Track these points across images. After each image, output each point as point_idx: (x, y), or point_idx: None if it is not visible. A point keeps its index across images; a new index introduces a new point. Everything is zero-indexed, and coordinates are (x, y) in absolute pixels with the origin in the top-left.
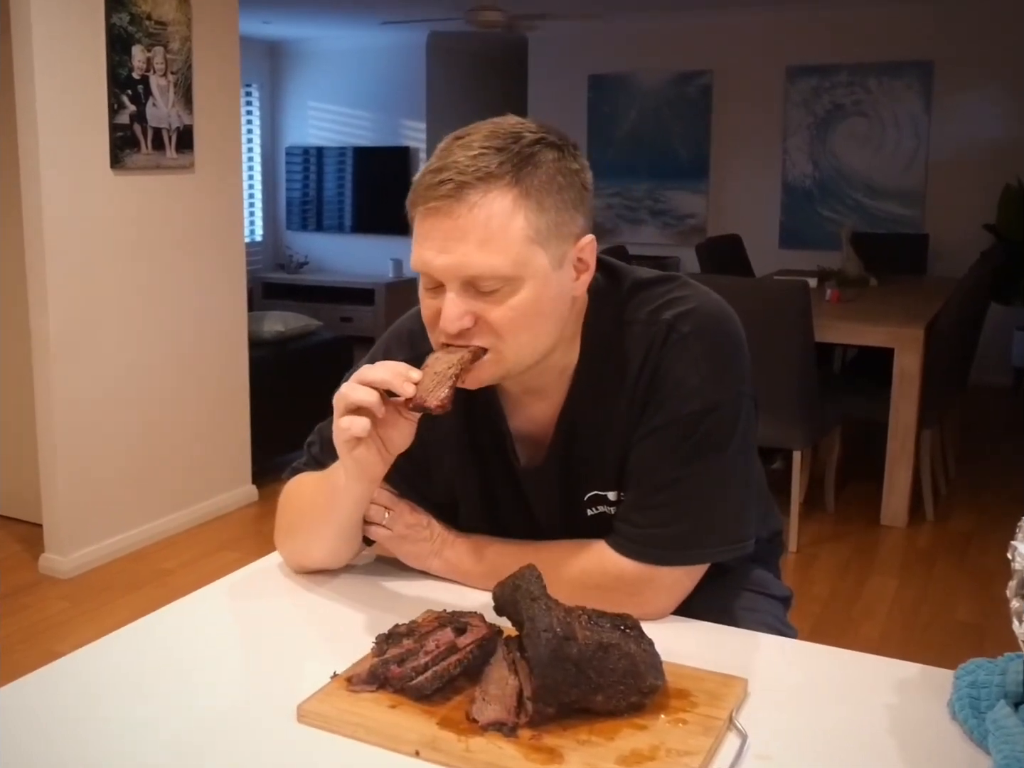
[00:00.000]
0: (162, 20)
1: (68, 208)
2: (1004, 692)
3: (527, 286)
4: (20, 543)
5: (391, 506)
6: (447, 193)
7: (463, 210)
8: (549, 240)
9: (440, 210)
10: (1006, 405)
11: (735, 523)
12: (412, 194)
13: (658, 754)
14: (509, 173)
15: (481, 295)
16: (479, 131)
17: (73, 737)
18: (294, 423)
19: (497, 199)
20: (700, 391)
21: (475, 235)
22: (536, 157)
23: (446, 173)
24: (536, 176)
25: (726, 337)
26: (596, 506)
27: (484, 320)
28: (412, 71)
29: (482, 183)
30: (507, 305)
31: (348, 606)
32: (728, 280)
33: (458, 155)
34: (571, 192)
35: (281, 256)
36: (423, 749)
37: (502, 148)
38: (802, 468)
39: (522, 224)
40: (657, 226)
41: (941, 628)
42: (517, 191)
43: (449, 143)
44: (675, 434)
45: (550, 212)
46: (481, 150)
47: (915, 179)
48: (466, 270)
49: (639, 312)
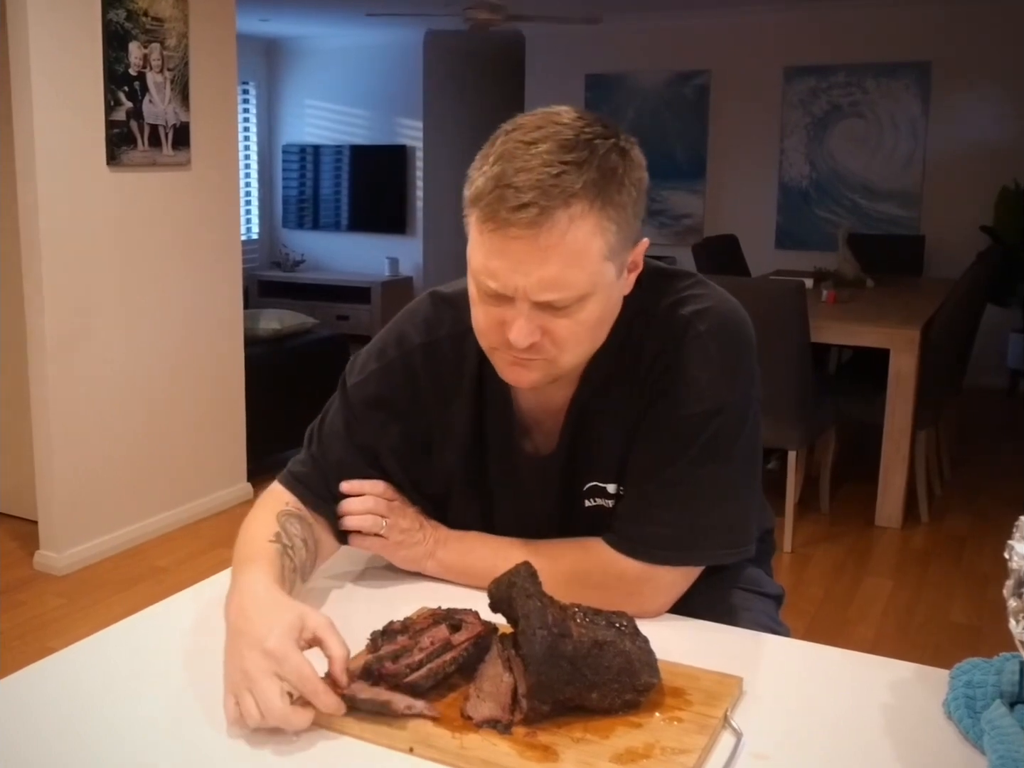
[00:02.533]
0: (159, 16)
1: (64, 205)
2: (1000, 692)
3: (595, 299)
4: (15, 540)
5: (387, 514)
6: (531, 221)
7: (550, 239)
8: (618, 255)
9: (523, 238)
10: (1001, 407)
11: (738, 526)
12: (482, 205)
13: (653, 752)
14: (591, 195)
15: (552, 310)
16: (547, 135)
17: (65, 733)
18: (289, 421)
19: (581, 224)
20: (711, 391)
21: (558, 260)
22: (614, 171)
23: (527, 195)
24: (614, 193)
25: (740, 339)
26: (594, 498)
27: (551, 333)
28: (409, 70)
29: (567, 208)
30: (575, 319)
31: (342, 602)
32: (724, 280)
33: (536, 169)
34: (641, 199)
35: (277, 254)
36: (417, 746)
37: (581, 163)
38: (797, 468)
39: (600, 245)
40: (654, 226)
41: (935, 629)
42: (599, 213)
43: (515, 145)
44: (682, 433)
45: (624, 227)
46: (562, 167)
47: (912, 180)
48: (544, 292)
49: (658, 304)
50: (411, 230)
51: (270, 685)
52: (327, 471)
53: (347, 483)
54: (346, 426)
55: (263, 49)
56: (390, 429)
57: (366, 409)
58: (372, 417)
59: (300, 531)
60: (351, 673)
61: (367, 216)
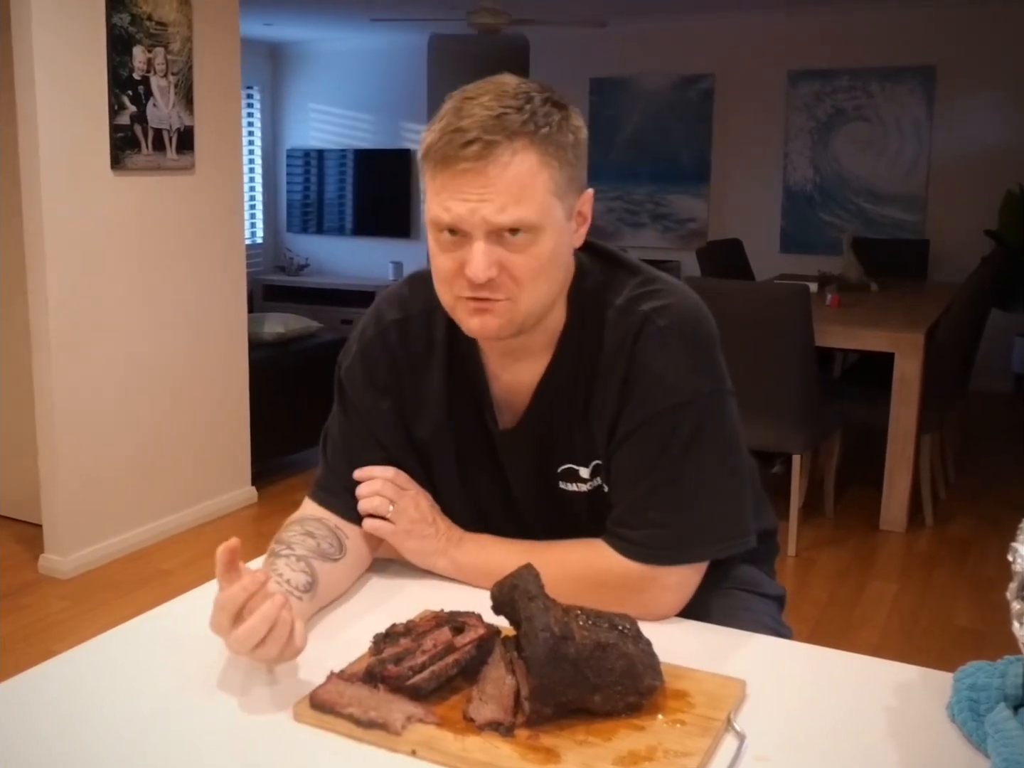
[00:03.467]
0: (163, 21)
1: (68, 209)
2: (1004, 695)
3: (547, 235)
4: (20, 543)
5: (395, 499)
6: (478, 154)
7: (496, 169)
8: (565, 193)
9: (472, 170)
10: (1006, 411)
11: (733, 517)
12: (432, 153)
13: (655, 755)
14: (532, 131)
15: (506, 245)
16: (487, 91)
17: (67, 735)
18: (294, 425)
19: (525, 156)
20: (679, 385)
21: (508, 191)
22: (551, 116)
23: (472, 132)
24: (553, 133)
25: (701, 333)
26: (568, 482)
27: (507, 270)
28: (413, 74)
29: (510, 142)
30: (529, 254)
31: (346, 605)
32: (729, 284)
33: (478, 113)
34: (579, 148)
35: (282, 258)
36: (419, 748)
37: (519, 107)
38: (802, 472)
39: (545, 179)
40: (658, 230)
41: (940, 633)
42: (541, 148)
43: (460, 102)
44: (659, 430)
45: (566, 167)
46: (502, 109)
47: (916, 184)
48: (500, 220)
49: (618, 296)
50: (415, 234)
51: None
52: (339, 468)
53: (359, 471)
54: (346, 418)
55: (267, 53)
56: (382, 405)
57: (358, 391)
58: (365, 397)
59: (300, 532)
60: (354, 675)
61: (371, 220)
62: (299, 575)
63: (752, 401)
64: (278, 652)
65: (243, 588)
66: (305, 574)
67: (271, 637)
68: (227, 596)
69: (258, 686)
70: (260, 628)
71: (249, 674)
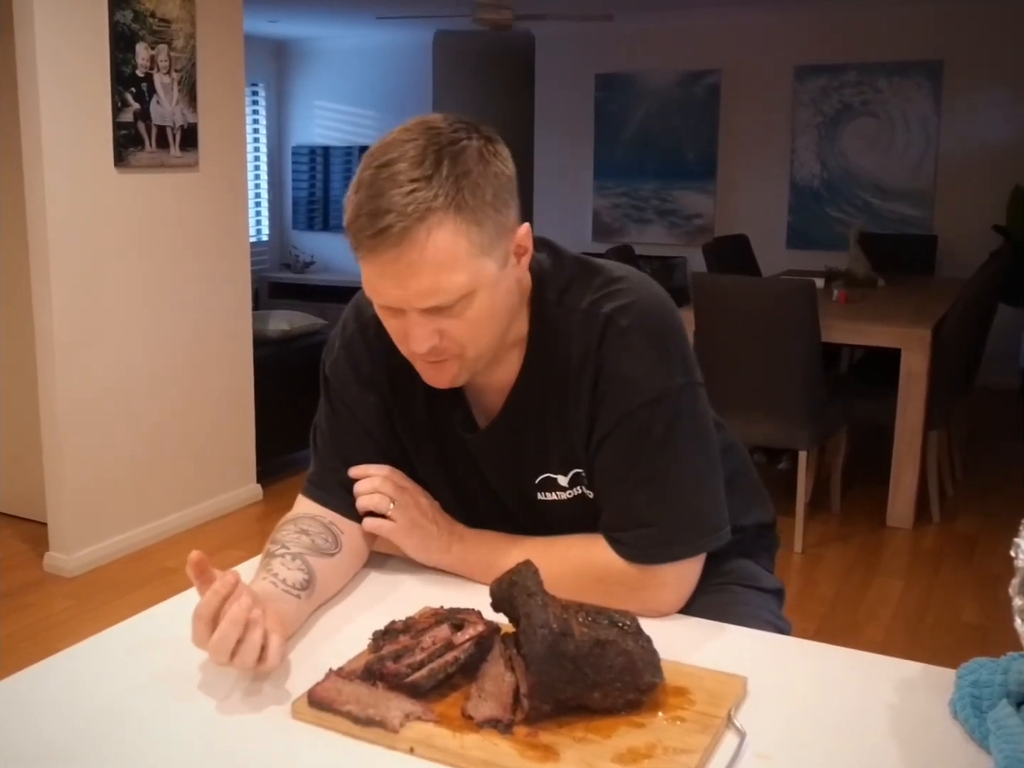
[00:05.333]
0: (166, 18)
1: (72, 206)
2: (1006, 691)
3: (480, 295)
4: (25, 542)
5: (396, 496)
6: (393, 242)
7: (413, 254)
8: (492, 247)
9: (389, 260)
10: (1014, 407)
11: (714, 509)
12: (352, 236)
13: (655, 752)
14: (444, 204)
15: (441, 312)
16: (402, 154)
17: (68, 732)
18: (299, 422)
19: (440, 233)
20: (647, 382)
21: (427, 270)
22: (467, 173)
23: (385, 219)
24: (469, 194)
25: (665, 328)
26: (547, 492)
27: (447, 335)
28: (418, 70)
29: (423, 222)
30: (466, 318)
31: (345, 602)
32: (735, 280)
33: (390, 193)
34: (502, 192)
35: (287, 256)
36: (418, 746)
37: (431, 176)
38: (808, 468)
39: (466, 246)
40: (664, 226)
41: (946, 630)
42: (456, 217)
43: (374, 173)
44: (633, 429)
45: (488, 223)
46: (412, 185)
47: (924, 180)
48: (424, 300)
49: (581, 300)
50: None
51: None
52: (331, 464)
53: (355, 468)
54: (334, 413)
55: (272, 50)
56: (369, 398)
57: (344, 385)
58: (352, 391)
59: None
60: (352, 673)
61: None
62: (295, 573)
63: (758, 397)
64: (253, 659)
65: (214, 592)
66: (302, 571)
67: (244, 643)
68: (201, 603)
69: (257, 684)
70: (231, 632)
71: (247, 671)
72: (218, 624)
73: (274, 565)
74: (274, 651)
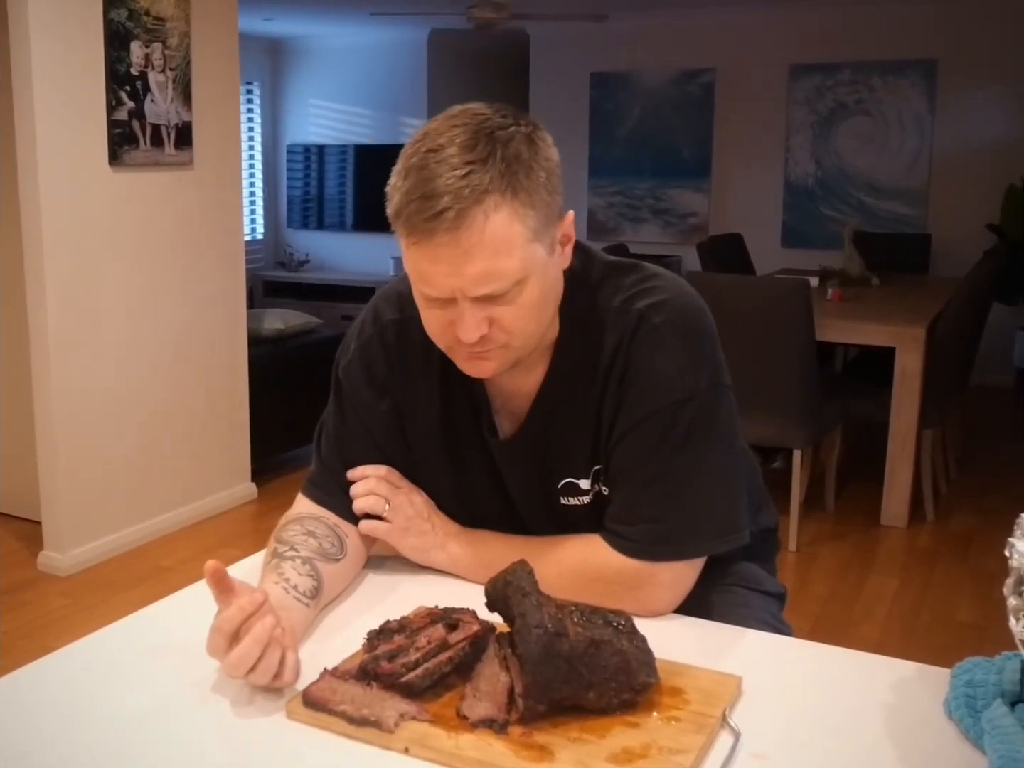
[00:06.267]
0: (160, 16)
1: (66, 205)
2: (1001, 691)
3: (532, 282)
4: (19, 540)
5: (390, 497)
6: (449, 226)
7: (469, 238)
8: (544, 233)
9: (444, 243)
10: (1008, 405)
11: (728, 513)
12: (404, 222)
13: (650, 752)
14: (500, 186)
15: (493, 300)
16: (451, 140)
17: (64, 731)
18: (294, 421)
19: (498, 216)
20: (676, 381)
21: (484, 255)
22: (519, 157)
23: (441, 201)
24: (523, 178)
25: (698, 328)
26: (570, 496)
27: (498, 323)
28: (413, 69)
29: (480, 205)
30: (517, 304)
31: (340, 602)
32: (729, 279)
33: (444, 175)
34: (551, 180)
35: (282, 254)
36: (412, 746)
37: (486, 159)
38: (802, 467)
39: (521, 230)
40: (659, 225)
41: (941, 629)
42: (511, 201)
43: (424, 158)
44: (657, 427)
45: (540, 208)
46: (468, 167)
47: (918, 178)
48: (480, 287)
49: (612, 299)
50: None
51: (213, 636)
52: (334, 466)
53: (352, 471)
54: (342, 416)
55: (267, 48)
56: (380, 406)
57: (356, 389)
58: (363, 396)
59: (301, 531)
60: (347, 673)
61: (372, 216)
62: (305, 579)
63: (753, 396)
64: (269, 678)
65: (240, 609)
66: (311, 578)
67: (263, 661)
68: (224, 617)
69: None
70: (253, 650)
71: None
72: (239, 640)
73: (285, 569)
74: (290, 669)
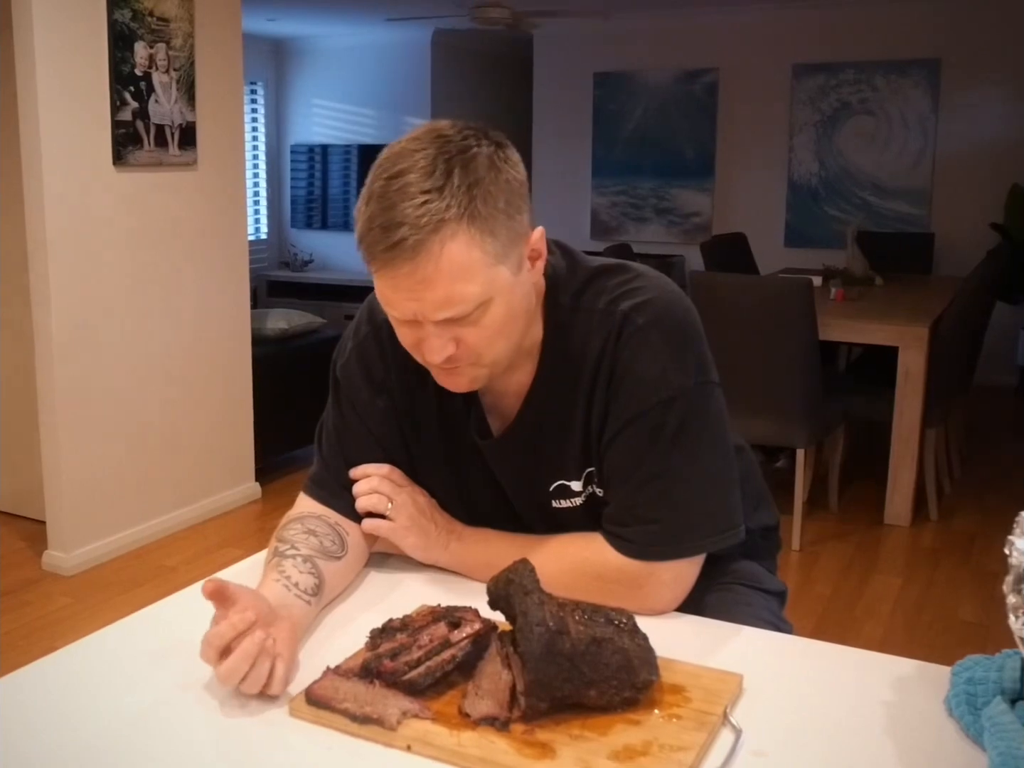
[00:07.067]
0: (164, 17)
1: (70, 205)
2: (1001, 688)
3: (496, 303)
4: (23, 540)
5: (393, 496)
6: (407, 256)
7: (427, 266)
8: (507, 255)
9: (403, 273)
10: (1011, 405)
11: (723, 509)
12: (365, 250)
13: (651, 749)
14: (458, 214)
15: (456, 322)
16: (412, 165)
17: (67, 730)
18: (297, 421)
19: (454, 244)
20: (662, 380)
21: (443, 282)
22: (479, 182)
23: (398, 232)
24: (480, 205)
25: (683, 326)
26: (562, 499)
27: (464, 342)
28: (417, 69)
29: (437, 234)
30: (481, 326)
31: (342, 600)
32: (732, 278)
33: (402, 205)
34: (514, 199)
35: (286, 254)
36: (415, 744)
37: (443, 186)
38: (806, 467)
39: (480, 255)
40: (662, 224)
41: (944, 628)
42: (469, 228)
43: (384, 186)
44: (646, 427)
45: (501, 231)
46: (425, 196)
47: (921, 178)
48: (440, 312)
49: (596, 301)
50: None
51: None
52: (335, 465)
53: (354, 469)
54: (342, 414)
55: (271, 49)
56: (379, 403)
57: (354, 387)
58: (361, 394)
59: (302, 530)
60: (349, 671)
61: None
62: (307, 577)
63: (756, 396)
64: (259, 688)
65: (231, 626)
66: (312, 576)
67: (252, 673)
68: (214, 633)
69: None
70: (241, 666)
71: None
72: (231, 652)
73: (286, 567)
74: (277, 681)
